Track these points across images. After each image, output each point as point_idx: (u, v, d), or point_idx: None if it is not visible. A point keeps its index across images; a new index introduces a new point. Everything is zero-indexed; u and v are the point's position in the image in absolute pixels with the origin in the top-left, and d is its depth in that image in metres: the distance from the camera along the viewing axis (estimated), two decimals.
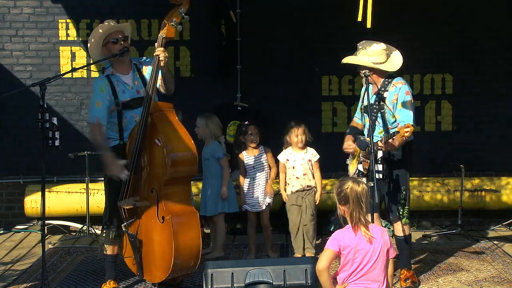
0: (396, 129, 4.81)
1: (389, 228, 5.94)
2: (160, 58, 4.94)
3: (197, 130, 6.24)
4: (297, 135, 6.00)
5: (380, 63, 5.15)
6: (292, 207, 6.09)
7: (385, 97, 5.01)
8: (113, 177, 4.99)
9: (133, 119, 5.12)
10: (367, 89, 5.16)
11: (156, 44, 5.02)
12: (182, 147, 4.95)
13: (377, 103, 5.14)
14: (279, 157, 6.14)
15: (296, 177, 6.04)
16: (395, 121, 5.10)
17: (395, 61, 5.23)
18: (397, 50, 5.30)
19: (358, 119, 5.57)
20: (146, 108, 4.93)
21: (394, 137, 4.77)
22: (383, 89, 5.15)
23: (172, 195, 4.93)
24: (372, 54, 5.16)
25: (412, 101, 5.13)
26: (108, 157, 5.00)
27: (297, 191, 6.04)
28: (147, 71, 5.22)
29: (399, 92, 5.11)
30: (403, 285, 5.24)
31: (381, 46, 5.20)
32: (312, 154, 6.06)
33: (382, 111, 5.09)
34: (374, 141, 4.89)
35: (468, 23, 7.52)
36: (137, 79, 5.19)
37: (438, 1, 7.50)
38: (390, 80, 5.18)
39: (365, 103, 5.21)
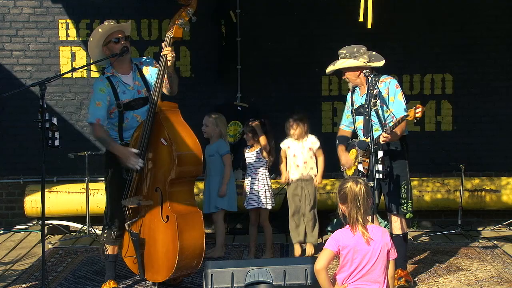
0: (406, 113, 4.83)
1: (388, 228, 5.93)
2: (168, 58, 4.93)
3: (205, 129, 6.24)
4: (291, 128, 6.11)
5: (369, 61, 5.25)
6: (292, 197, 6.14)
7: (376, 95, 5.07)
8: (130, 168, 4.92)
9: (135, 120, 5.11)
10: (353, 93, 5.39)
11: (163, 44, 5.01)
12: (188, 147, 4.95)
13: (368, 102, 5.18)
14: (282, 144, 6.21)
15: (297, 165, 6.10)
16: (389, 115, 5.15)
17: (377, 57, 5.32)
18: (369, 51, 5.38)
19: (346, 127, 5.62)
20: (152, 108, 4.92)
21: (401, 122, 4.82)
22: (372, 87, 5.19)
23: (176, 194, 4.93)
24: (360, 55, 5.23)
25: (403, 93, 5.22)
26: (120, 149, 4.97)
27: (297, 180, 6.09)
28: (148, 71, 5.22)
29: (389, 86, 5.20)
30: (396, 284, 5.22)
31: (362, 47, 5.29)
32: (312, 142, 6.11)
33: (375, 108, 5.12)
34: (375, 136, 4.96)
35: (468, 23, 7.52)
36: (138, 79, 5.18)
37: (438, 1, 7.50)
38: (376, 78, 5.24)
39: (355, 106, 5.37)
